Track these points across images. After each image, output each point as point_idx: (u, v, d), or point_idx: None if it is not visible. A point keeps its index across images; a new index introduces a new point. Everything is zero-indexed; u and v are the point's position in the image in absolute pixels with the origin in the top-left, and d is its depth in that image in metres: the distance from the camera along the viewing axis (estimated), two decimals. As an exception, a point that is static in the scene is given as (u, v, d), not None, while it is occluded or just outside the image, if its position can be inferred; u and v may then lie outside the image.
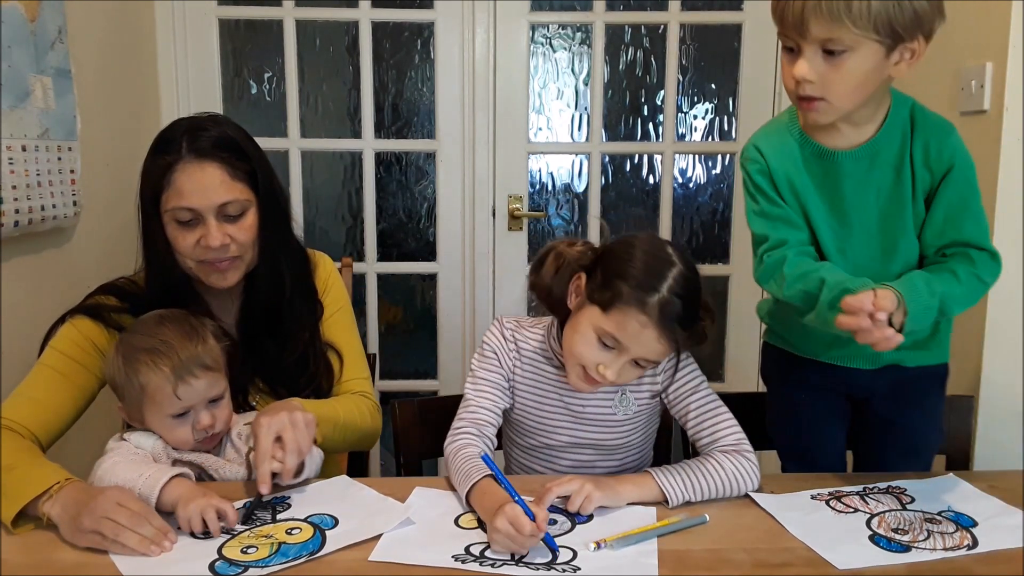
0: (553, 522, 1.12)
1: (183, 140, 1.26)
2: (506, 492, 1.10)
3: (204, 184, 1.25)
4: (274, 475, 1.15)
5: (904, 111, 1.25)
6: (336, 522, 1.12)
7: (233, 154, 1.28)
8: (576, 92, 2.58)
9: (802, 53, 1.14)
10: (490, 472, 1.15)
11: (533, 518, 1.02)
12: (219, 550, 1.04)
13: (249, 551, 1.04)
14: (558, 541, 1.06)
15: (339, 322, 1.46)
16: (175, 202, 1.25)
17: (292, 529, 1.10)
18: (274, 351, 1.38)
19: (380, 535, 1.08)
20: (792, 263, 1.25)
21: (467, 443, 1.25)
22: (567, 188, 2.62)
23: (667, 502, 1.17)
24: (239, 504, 1.17)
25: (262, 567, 1.00)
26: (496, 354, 1.35)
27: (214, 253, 1.27)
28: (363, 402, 1.42)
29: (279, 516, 1.14)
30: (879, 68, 1.15)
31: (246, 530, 1.09)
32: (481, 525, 1.11)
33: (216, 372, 1.24)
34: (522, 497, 1.07)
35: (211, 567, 0.99)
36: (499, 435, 1.42)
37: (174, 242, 1.28)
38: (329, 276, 1.48)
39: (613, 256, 1.22)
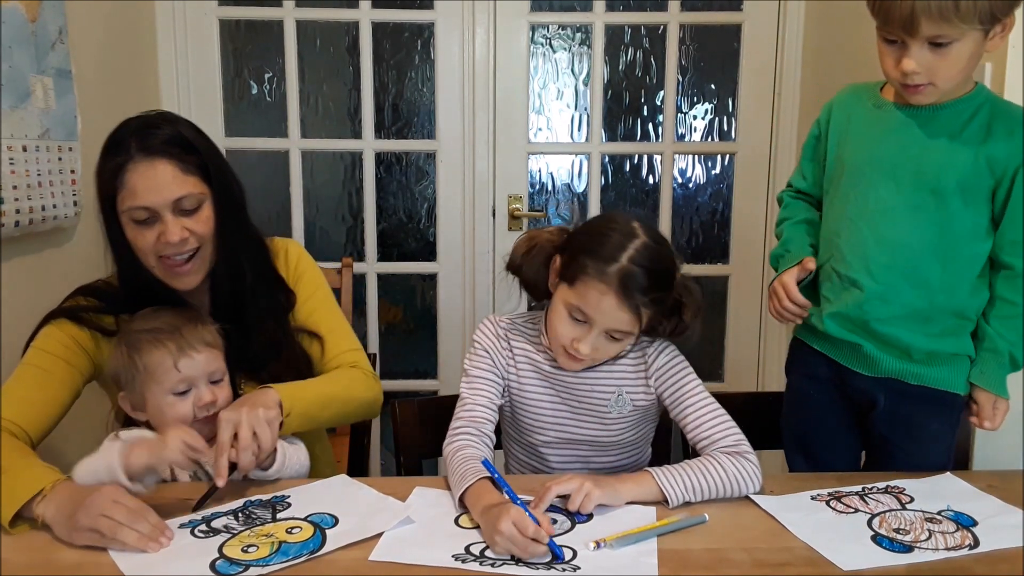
0: (553, 521, 1.12)
1: (132, 140, 1.26)
2: (500, 495, 1.10)
3: (156, 181, 1.24)
4: (233, 468, 1.16)
5: (981, 98, 1.29)
6: (336, 521, 1.12)
7: (182, 149, 1.28)
8: (576, 92, 2.58)
9: (908, 48, 1.20)
10: (487, 475, 1.16)
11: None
12: (220, 549, 1.04)
13: (250, 550, 1.04)
14: (558, 540, 1.06)
15: (318, 303, 1.46)
16: (131, 202, 1.25)
17: (292, 528, 1.10)
18: (240, 342, 1.36)
19: (380, 534, 1.08)
20: (786, 209, 1.51)
21: (465, 444, 1.26)
22: (567, 188, 2.63)
23: (667, 502, 1.18)
24: (239, 503, 1.17)
25: (263, 566, 1.00)
26: (488, 352, 1.36)
27: (174, 248, 1.27)
28: (355, 373, 1.41)
29: (279, 515, 1.14)
30: (979, 49, 1.21)
31: (246, 529, 1.10)
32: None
33: (216, 349, 1.27)
34: (522, 500, 1.07)
35: (212, 566, 1.00)
36: (498, 432, 1.43)
37: (134, 241, 1.28)
38: (299, 261, 1.47)
39: (581, 233, 1.26)
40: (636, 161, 2.62)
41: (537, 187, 2.60)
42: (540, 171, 2.60)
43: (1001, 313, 1.31)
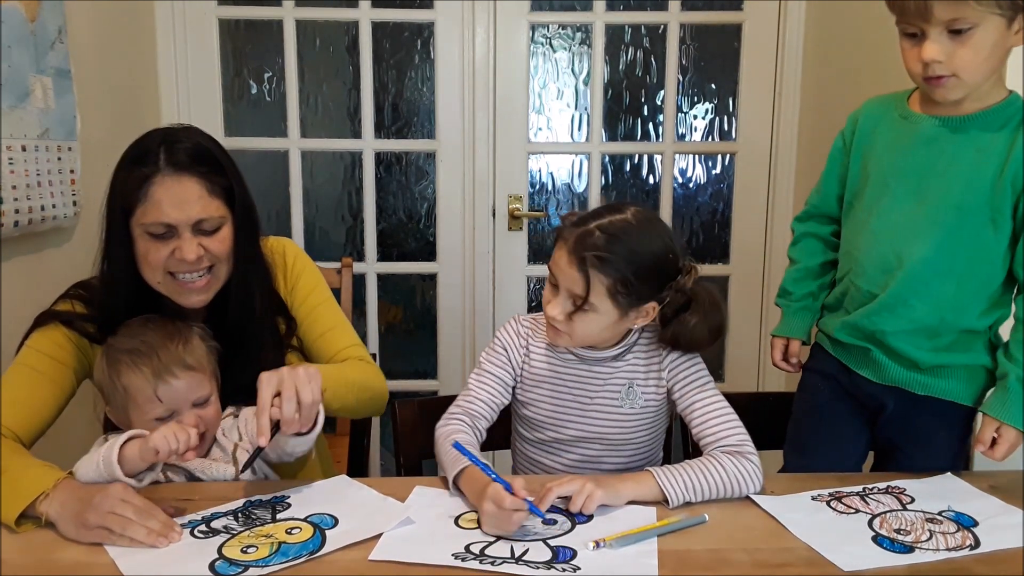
0: (553, 522, 1.12)
1: (160, 152, 1.22)
2: (488, 478, 1.11)
3: (182, 198, 1.22)
4: (276, 429, 1.14)
5: (1012, 108, 1.25)
6: (336, 522, 1.12)
7: (211, 168, 1.25)
8: (576, 92, 2.57)
9: (927, 36, 1.18)
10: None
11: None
12: (219, 550, 1.04)
13: (249, 551, 1.03)
14: (558, 541, 1.07)
15: (317, 301, 1.43)
16: (152, 216, 1.21)
17: (292, 529, 1.10)
18: (237, 369, 1.32)
19: (380, 535, 1.08)
20: (796, 246, 1.52)
21: (457, 429, 1.27)
22: (567, 188, 2.62)
23: (667, 502, 1.17)
24: (239, 504, 1.17)
25: (262, 567, 1.00)
26: (506, 350, 1.37)
27: (187, 266, 1.24)
28: (365, 364, 1.41)
29: (279, 516, 1.14)
30: (1003, 39, 1.18)
31: (246, 530, 1.09)
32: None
33: (199, 373, 1.24)
34: (501, 476, 1.09)
35: (211, 567, 0.99)
36: (507, 430, 1.45)
37: (145, 255, 1.24)
38: (296, 260, 1.44)
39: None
40: (636, 161, 2.62)
41: (537, 187, 2.60)
42: (540, 171, 2.60)
43: (1018, 336, 1.27)
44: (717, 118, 2.60)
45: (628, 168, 2.62)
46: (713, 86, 2.58)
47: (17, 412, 1.23)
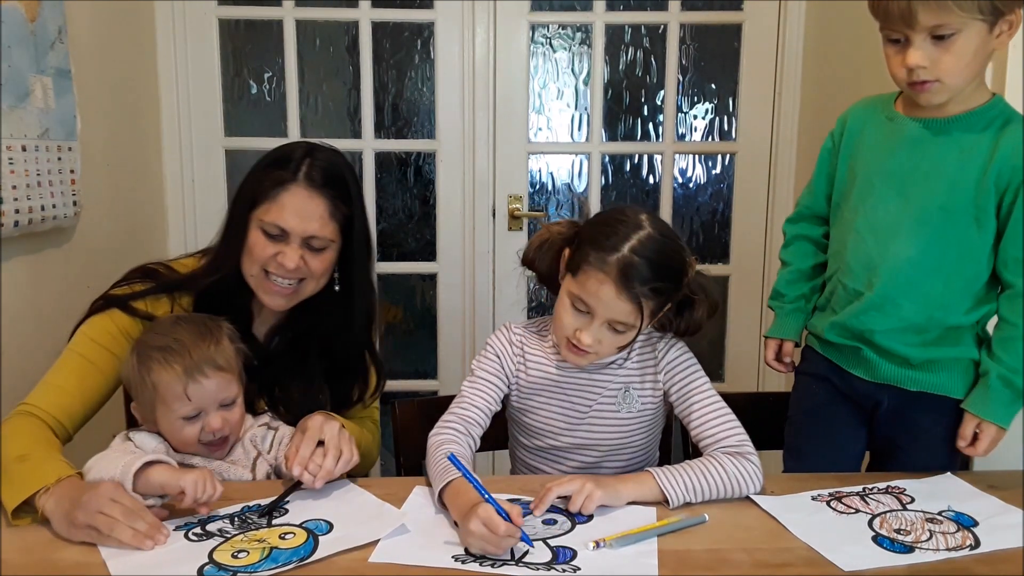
0: (553, 522, 1.12)
1: (303, 163, 1.31)
2: (476, 494, 1.09)
3: (306, 212, 1.30)
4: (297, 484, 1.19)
5: (995, 111, 1.27)
6: (331, 527, 1.11)
7: (339, 194, 1.33)
8: (576, 92, 2.57)
9: (911, 42, 1.19)
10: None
11: (507, 517, 1.02)
12: (210, 554, 1.03)
13: (240, 555, 1.03)
14: (558, 541, 1.07)
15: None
16: (273, 217, 1.29)
17: (286, 534, 1.09)
18: (348, 388, 1.44)
19: (374, 541, 1.06)
20: (787, 249, 1.53)
21: (450, 439, 1.26)
22: (567, 188, 2.62)
23: (667, 502, 1.17)
24: (236, 508, 1.17)
25: (250, 572, 0.99)
26: (499, 357, 1.36)
27: (283, 271, 1.31)
28: (376, 432, 1.48)
29: (275, 520, 1.13)
30: (985, 43, 1.20)
31: (240, 534, 1.09)
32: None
33: (228, 373, 1.24)
34: (493, 495, 1.06)
35: (200, 571, 0.99)
36: (503, 436, 1.44)
37: (252, 246, 1.32)
38: None
39: (588, 225, 1.27)
40: (636, 161, 2.62)
41: (537, 187, 2.59)
42: (540, 171, 2.59)
43: (1003, 335, 1.29)
44: (717, 118, 2.60)
45: (628, 168, 2.62)
46: (713, 86, 2.58)
47: (64, 400, 1.25)
